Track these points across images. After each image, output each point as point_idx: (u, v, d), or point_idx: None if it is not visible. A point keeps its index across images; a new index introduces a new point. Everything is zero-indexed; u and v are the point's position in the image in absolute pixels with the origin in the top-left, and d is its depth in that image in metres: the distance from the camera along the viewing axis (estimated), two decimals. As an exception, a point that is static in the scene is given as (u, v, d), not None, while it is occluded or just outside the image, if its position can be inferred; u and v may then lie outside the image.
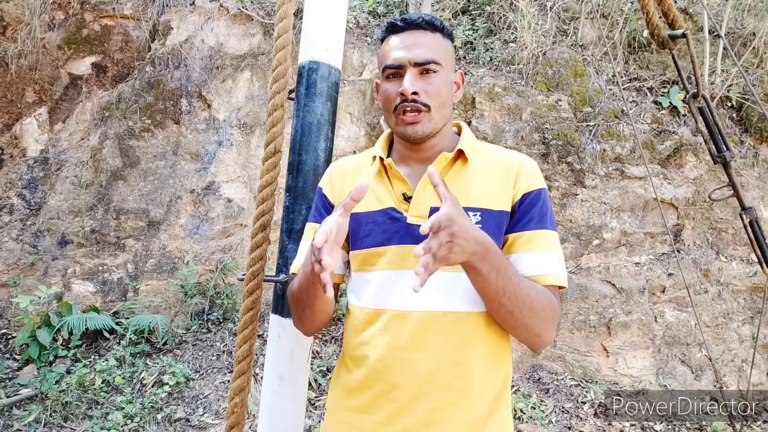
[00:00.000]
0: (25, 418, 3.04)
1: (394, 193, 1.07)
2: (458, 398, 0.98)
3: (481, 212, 1.01)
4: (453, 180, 1.05)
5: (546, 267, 1.00)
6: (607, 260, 3.98)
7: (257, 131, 4.30)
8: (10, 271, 3.95)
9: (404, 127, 1.03)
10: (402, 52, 1.02)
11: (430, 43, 1.03)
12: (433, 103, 1.02)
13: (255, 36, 4.48)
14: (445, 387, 0.98)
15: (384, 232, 1.04)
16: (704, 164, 4.09)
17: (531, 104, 4.16)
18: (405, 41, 1.03)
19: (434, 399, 0.98)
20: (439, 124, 1.05)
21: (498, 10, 4.79)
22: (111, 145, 4.16)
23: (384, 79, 1.07)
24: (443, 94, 1.04)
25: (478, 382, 1.00)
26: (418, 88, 1.00)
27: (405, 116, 1.02)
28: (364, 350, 1.03)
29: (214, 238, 4.18)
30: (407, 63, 1.02)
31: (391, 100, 1.04)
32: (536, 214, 1.03)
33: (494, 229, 1.01)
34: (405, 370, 0.99)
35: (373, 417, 1.02)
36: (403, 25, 1.05)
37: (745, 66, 4.37)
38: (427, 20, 1.04)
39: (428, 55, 1.02)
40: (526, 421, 3.32)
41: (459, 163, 1.07)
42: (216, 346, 3.80)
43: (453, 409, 0.98)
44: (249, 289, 1.33)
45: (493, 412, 1.01)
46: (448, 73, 1.06)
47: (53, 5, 4.34)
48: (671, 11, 1.11)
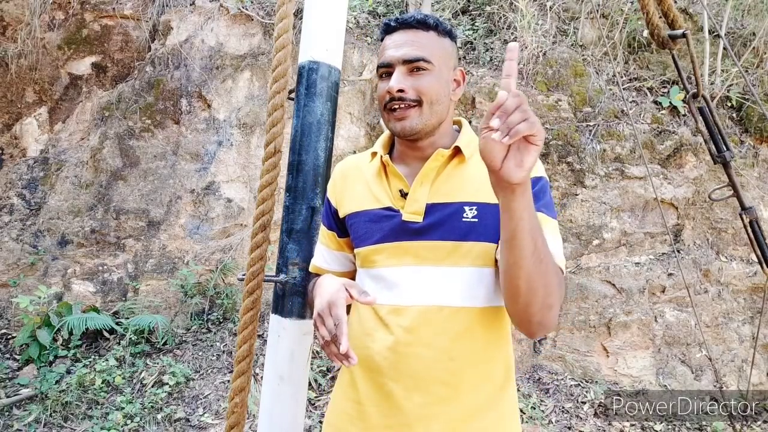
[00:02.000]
0: (25, 418, 3.04)
1: (391, 190, 1.08)
2: (453, 392, 0.99)
3: (477, 206, 1.01)
4: (449, 176, 1.06)
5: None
6: (607, 260, 3.98)
7: (257, 131, 4.30)
8: (10, 271, 3.95)
9: (393, 123, 1.04)
10: (392, 51, 1.04)
11: (421, 41, 1.04)
12: (423, 99, 1.02)
13: (255, 36, 4.48)
14: (440, 381, 0.99)
15: (381, 230, 1.06)
16: (704, 164, 4.08)
17: (531, 104, 4.16)
18: (397, 40, 1.05)
19: (430, 393, 0.99)
20: (431, 121, 1.04)
21: (498, 10, 4.79)
22: (111, 145, 4.16)
23: (378, 78, 1.09)
24: (434, 91, 1.03)
25: (473, 377, 1.01)
26: (404, 85, 1.01)
27: (394, 113, 1.03)
28: (366, 341, 1.05)
29: (214, 238, 4.18)
30: (395, 61, 1.03)
31: (382, 97, 1.05)
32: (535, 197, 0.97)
33: (492, 223, 1.00)
34: (401, 364, 1.01)
35: (370, 409, 1.04)
36: (396, 26, 1.07)
37: (745, 66, 4.37)
38: (418, 19, 1.05)
39: (416, 53, 1.02)
40: (526, 421, 3.32)
41: (456, 161, 1.07)
42: (216, 346, 3.80)
43: (448, 403, 0.99)
44: (249, 289, 1.33)
45: (491, 407, 1.01)
46: (441, 70, 1.05)
47: (53, 5, 4.34)
48: (671, 11, 1.11)
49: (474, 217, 1.00)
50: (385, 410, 1.02)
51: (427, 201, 1.03)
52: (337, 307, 0.90)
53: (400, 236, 1.03)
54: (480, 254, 1.01)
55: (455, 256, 1.00)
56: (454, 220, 1.01)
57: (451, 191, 1.04)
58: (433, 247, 1.01)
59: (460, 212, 1.01)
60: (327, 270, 1.21)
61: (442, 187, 1.05)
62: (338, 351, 0.87)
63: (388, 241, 1.04)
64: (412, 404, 1.00)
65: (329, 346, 0.90)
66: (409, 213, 1.03)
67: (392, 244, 1.04)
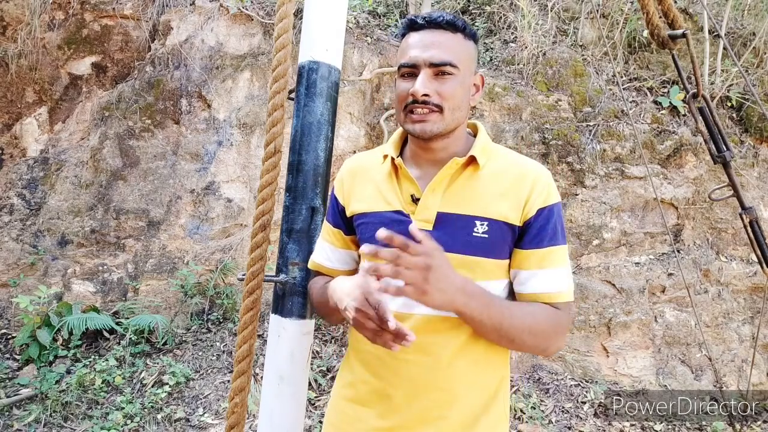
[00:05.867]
0: (25, 418, 3.04)
1: (402, 194, 1.07)
2: (451, 399, 1.00)
3: (489, 222, 1.01)
4: (463, 186, 1.05)
5: (558, 285, 1.02)
6: (607, 260, 3.98)
7: (257, 131, 4.29)
8: (10, 271, 3.95)
9: (412, 125, 1.02)
10: (418, 51, 1.00)
11: (448, 43, 1.01)
12: (445, 105, 1.00)
13: (255, 36, 4.47)
14: (439, 388, 1.00)
15: None
16: (704, 164, 4.08)
17: (531, 104, 4.16)
18: (423, 40, 1.01)
19: (428, 399, 1.00)
20: (450, 126, 1.03)
21: (498, 10, 4.79)
22: (111, 145, 4.16)
23: (399, 76, 1.05)
24: (457, 96, 1.01)
25: (471, 384, 1.02)
26: (429, 89, 0.99)
27: (414, 114, 1.01)
28: (367, 346, 1.05)
29: (214, 238, 4.18)
30: (422, 63, 0.99)
31: (402, 98, 1.02)
32: (550, 231, 1.02)
33: (500, 241, 1.01)
34: (401, 370, 1.01)
35: (368, 410, 1.05)
36: (423, 23, 1.02)
37: (745, 66, 4.37)
38: (448, 20, 1.02)
39: (444, 56, 0.99)
40: (526, 421, 3.32)
41: (470, 169, 1.06)
42: (216, 346, 3.80)
43: (446, 409, 1.00)
44: (249, 289, 1.33)
45: (482, 415, 1.03)
46: (465, 75, 1.03)
47: (53, 5, 4.33)
48: (671, 11, 1.11)
49: (485, 233, 1.00)
50: (384, 413, 1.03)
51: (438, 209, 1.02)
52: (371, 294, 0.87)
53: None
54: (488, 270, 1.02)
55: (463, 269, 0.99)
56: (465, 234, 1.00)
57: (462, 202, 1.03)
58: None
59: (471, 226, 1.01)
60: (330, 268, 1.20)
61: (454, 197, 1.03)
62: (392, 332, 0.84)
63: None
64: (411, 409, 1.01)
65: (382, 336, 0.86)
66: (420, 220, 1.02)
67: None
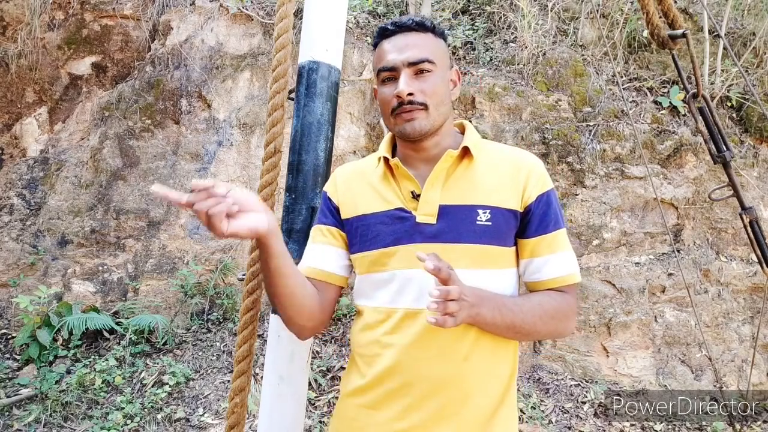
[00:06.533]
0: (25, 418, 3.04)
1: (401, 192, 1.07)
2: (467, 395, 1.00)
3: (491, 210, 1.02)
4: (460, 178, 1.06)
5: (569, 267, 1.06)
6: (607, 260, 3.98)
7: (257, 131, 4.29)
8: (10, 271, 3.95)
9: (402, 126, 1.04)
10: (395, 54, 1.03)
11: (422, 42, 1.04)
12: (430, 102, 1.02)
13: (255, 36, 4.48)
14: (455, 384, 1.00)
15: (393, 233, 1.05)
16: (704, 164, 4.08)
17: (531, 104, 4.16)
18: (397, 44, 1.04)
19: (445, 396, 1.00)
20: (438, 122, 1.05)
21: (498, 10, 4.79)
22: (111, 145, 4.16)
23: (380, 83, 1.07)
24: (440, 92, 1.04)
25: (485, 379, 1.02)
26: (413, 88, 1.01)
27: (403, 115, 1.03)
28: (375, 349, 1.04)
29: (214, 238, 4.18)
30: (401, 64, 1.02)
31: (388, 102, 1.04)
32: (552, 216, 1.06)
33: (504, 227, 1.03)
34: (417, 368, 1.01)
35: (383, 414, 1.03)
36: (394, 29, 1.06)
37: (745, 66, 4.37)
38: (417, 21, 1.06)
39: (421, 54, 1.02)
40: (526, 421, 3.32)
41: (466, 161, 1.07)
42: (216, 346, 3.80)
43: (462, 405, 1.00)
44: (249, 289, 1.32)
45: (499, 407, 1.03)
46: (443, 71, 1.06)
47: (53, 5, 4.34)
48: (671, 11, 1.11)
49: (488, 220, 1.01)
50: (400, 414, 1.01)
51: (439, 202, 1.03)
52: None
53: (415, 238, 1.03)
54: (495, 257, 1.02)
55: (470, 259, 1.00)
56: (468, 223, 1.01)
57: (463, 193, 1.04)
58: (448, 250, 1.00)
59: (474, 215, 1.02)
60: (326, 271, 1.12)
61: (454, 189, 1.05)
62: None
63: (402, 243, 1.03)
64: (429, 407, 1.00)
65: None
66: (423, 214, 1.03)
67: (406, 246, 1.03)
